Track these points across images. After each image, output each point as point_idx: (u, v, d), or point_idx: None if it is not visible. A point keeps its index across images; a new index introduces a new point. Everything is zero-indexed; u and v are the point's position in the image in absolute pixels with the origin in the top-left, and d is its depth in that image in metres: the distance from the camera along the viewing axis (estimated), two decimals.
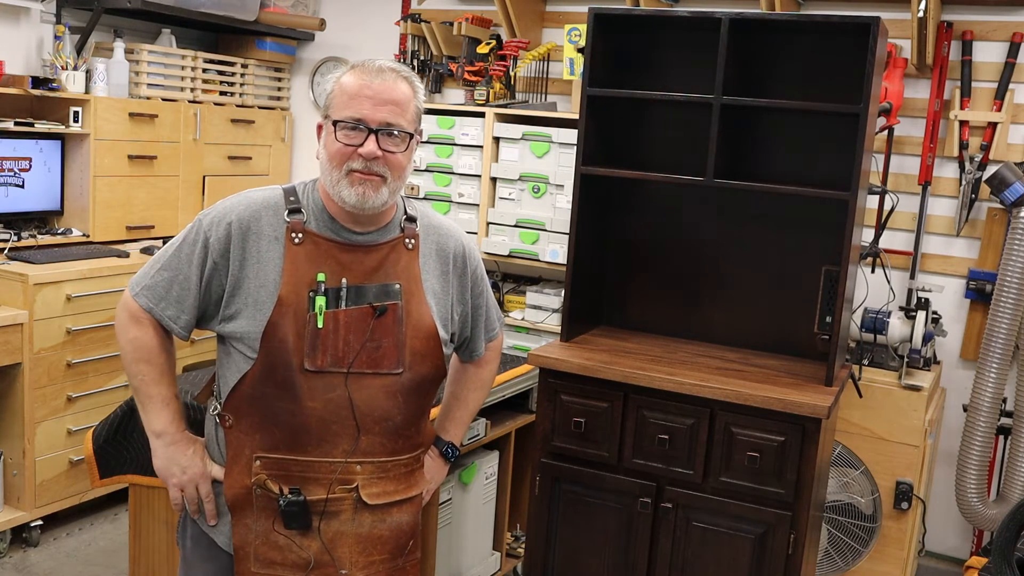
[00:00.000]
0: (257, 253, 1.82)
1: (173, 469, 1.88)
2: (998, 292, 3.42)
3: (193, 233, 1.84)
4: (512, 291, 4.29)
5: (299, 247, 1.82)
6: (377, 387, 1.85)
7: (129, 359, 1.86)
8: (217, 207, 1.86)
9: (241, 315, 1.81)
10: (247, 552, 1.85)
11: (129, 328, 1.85)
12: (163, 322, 1.85)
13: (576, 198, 2.83)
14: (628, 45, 2.97)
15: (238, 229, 1.82)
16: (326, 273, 1.82)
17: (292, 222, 1.83)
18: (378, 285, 1.86)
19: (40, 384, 3.53)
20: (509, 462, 3.12)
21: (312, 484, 1.84)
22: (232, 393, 1.84)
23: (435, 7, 4.63)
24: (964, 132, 3.68)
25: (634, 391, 2.60)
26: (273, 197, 1.86)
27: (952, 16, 3.70)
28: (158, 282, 1.84)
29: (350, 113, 1.79)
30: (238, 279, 1.81)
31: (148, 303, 1.84)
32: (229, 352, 1.86)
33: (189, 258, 1.83)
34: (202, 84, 4.49)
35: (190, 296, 1.83)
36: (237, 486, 1.85)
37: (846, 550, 3.44)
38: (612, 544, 2.67)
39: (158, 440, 1.88)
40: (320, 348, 1.80)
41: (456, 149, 4.15)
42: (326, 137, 1.83)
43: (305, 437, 1.82)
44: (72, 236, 3.94)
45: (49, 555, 3.59)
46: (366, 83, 1.79)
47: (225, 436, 1.87)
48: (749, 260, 2.95)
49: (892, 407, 3.32)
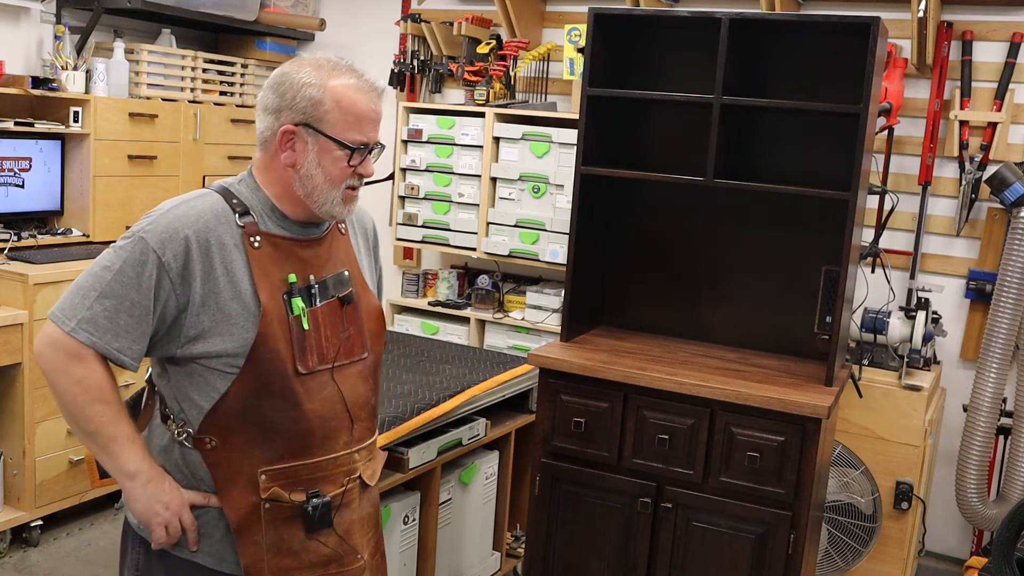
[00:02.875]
0: (223, 265, 1.69)
1: (156, 508, 1.72)
2: (998, 292, 3.42)
3: (136, 254, 1.65)
4: (512, 291, 4.30)
5: (260, 251, 1.72)
6: (355, 375, 1.86)
7: (80, 402, 1.67)
8: (158, 223, 1.68)
9: (212, 332, 1.68)
10: (260, 568, 1.77)
11: (72, 368, 1.65)
12: (110, 356, 1.66)
13: (576, 198, 2.83)
14: (628, 45, 2.97)
15: (197, 243, 1.67)
16: (295, 273, 1.76)
17: (246, 226, 1.72)
18: (333, 276, 1.83)
19: (40, 384, 3.53)
20: (509, 462, 3.12)
21: (322, 483, 1.81)
22: (212, 413, 1.71)
23: (435, 7, 4.63)
24: (964, 132, 3.68)
25: (634, 391, 2.60)
26: (216, 203, 1.72)
27: (952, 16, 3.70)
28: (98, 313, 1.64)
29: (360, 138, 1.75)
30: (203, 295, 1.68)
31: (91, 337, 1.64)
32: (192, 373, 1.71)
33: (136, 281, 1.64)
34: (202, 84, 4.49)
35: (141, 324, 1.66)
36: (241, 506, 1.74)
37: (846, 550, 3.44)
38: (612, 544, 2.67)
39: (133, 482, 1.71)
40: (308, 349, 1.76)
41: (456, 149, 4.15)
42: (320, 155, 1.73)
43: (309, 439, 1.78)
44: (72, 236, 3.94)
45: (49, 555, 3.59)
46: (372, 107, 1.76)
47: (206, 458, 1.73)
48: (749, 260, 2.95)
49: (892, 407, 3.32)
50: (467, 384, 2.86)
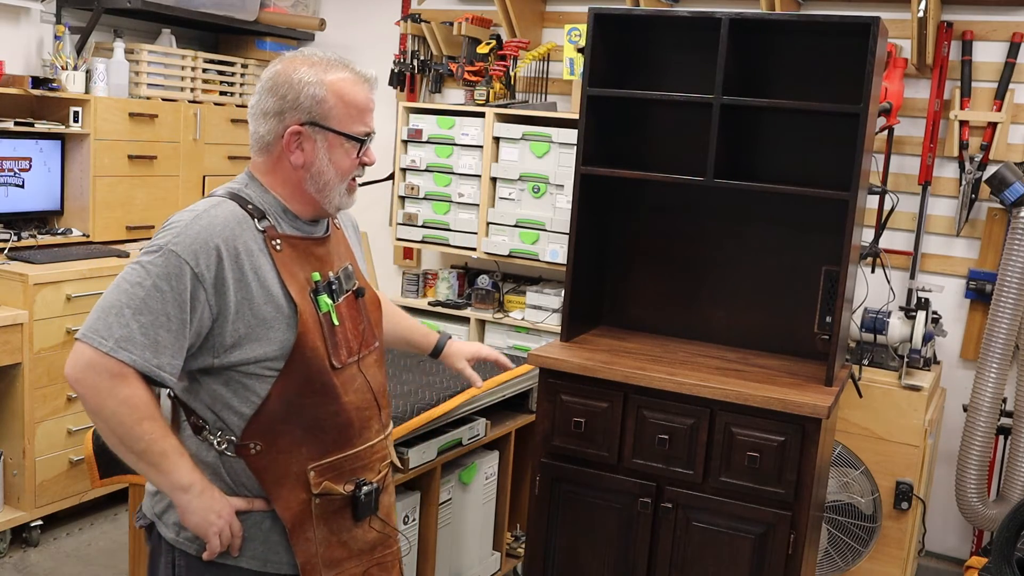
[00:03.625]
0: (253, 270, 1.70)
1: (211, 518, 1.71)
2: (998, 292, 3.42)
3: (169, 267, 1.64)
4: (512, 291, 4.30)
5: (282, 253, 1.75)
6: (373, 363, 1.92)
7: (128, 423, 1.64)
8: (185, 234, 1.66)
9: (249, 338, 1.69)
10: (314, 564, 1.79)
11: (116, 390, 1.62)
12: (151, 374, 1.63)
13: (576, 198, 2.83)
14: (628, 45, 2.97)
15: (227, 251, 1.67)
16: (317, 271, 1.80)
17: (267, 230, 1.74)
18: (342, 271, 1.88)
19: (40, 384, 3.53)
20: (509, 462, 3.12)
21: (363, 471, 1.86)
22: (256, 418, 1.72)
23: (435, 7, 4.63)
24: (964, 132, 3.68)
25: (634, 391, 2.61)
26: (235, 210, 1.73)
27: (952, 16, 3.70)
28: (135, 330, 1.62)
29: (364, 129, 1.79)
30: (237, 303, 1.68)
31: (131, 356, 1.61)
32: (229, 381, 1.72)
33: (171, 296, 1.63)
34: (202, 84, 4.49)
35: (179, 338, 1.64)
36: (294, 505, 1.76)
37: (846, 550, 3.44)
38: (612, 544, 2.67)
39: (188, 494, 1.70)
40: (339, 344, 1.80)
41: (456, 149, 4.15)
42: (331, 151, 1.76)
43: (349, 431, 1.83)
44: (72, 236, 3.94)
45: (49, 555, 3.59)
46: (369, 97, 1.80)
47: (251, 464, 1.73)
48: (749, 260, 2.95)
49: (892, 407, 3.32)
50: (467, 384, 2.86)
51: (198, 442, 1.76)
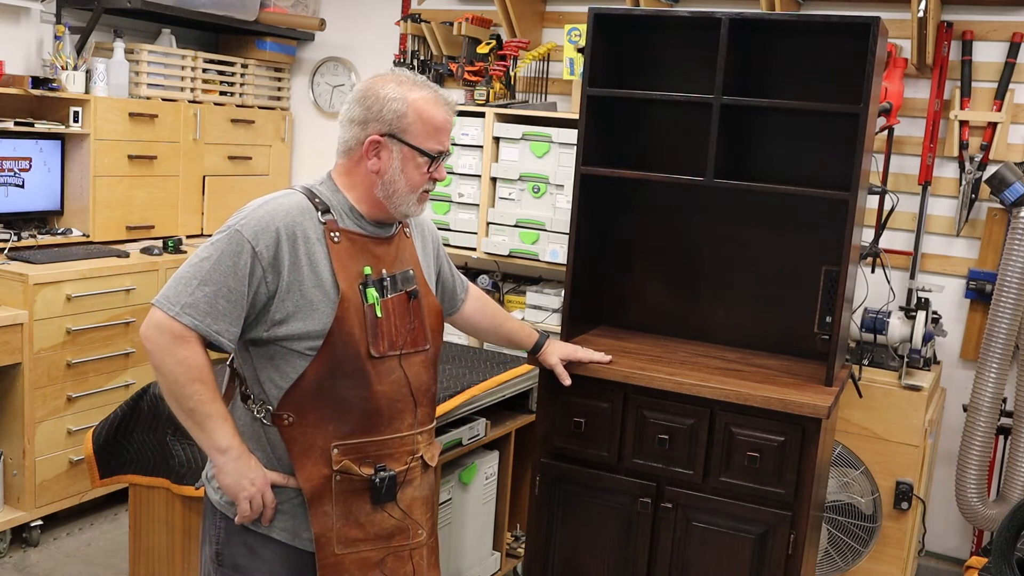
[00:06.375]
0: (307, 256, 1.87)
1: (243, 483, 1.88)
2: (998, 292, 3.42)
3: (233, 244, 1.84)
4: (512, 291, 4.30)
5: (339, 245, 1.91)
6: (419, 363, 2.04)
7: (181, 381, 1.83)
8: (251, 217, 1.87)
9: (295, 317, 1.86)
10: (329, 538, 1.93)
11: (176, 350, 1.82)
12: (211, 338, 1.83)
13: (576, 198, 2.83)
14: (628, 45, 2.97)
15: (286, 235, 1.86)
16: (369, 266, 1.95)
17: (328, 223, 1.91)
18: (400, 272, 2.02)
19: (40, 384, 3.53)
20: (509, 462, 3.12)
21: (387, 459, 1.98)
22: (291, 391, 1.89)
23: (435, 7, 4.63)
24: (964, 132, 3.68)
25: (634, 391, 2.60)
26: (301, 201, 1.92)
27: (952, 16, 3.70)
28: (199, 299, 1.82)
29: (438, 147, 1.96)
30: (289, 283, 1.86)
31: (194, 321, 1.81)
32: (273, 355, 1.89)
33: (232, 270, 1.83)
34: (202, 84, 4.49)
35: (237, 308, 1.84)
36: (315, 478, 1.91)
37: (846, 550, 3.44)
38: (612, 544, 2.67)
39: (224, 456, 1.87)
40: (380, 335, 1.94)
41: (456, 149, 4.15)
42: (404, 163, 1.93)
43: (377, 419, 1.95)
44: (72, 236, 3.94)
45: (49, 555, 3.59)
46: (447, 119, 1.97)
47: (283, 434, 1.90)
48: (749, 260, 2.94)
49: (892, 407, 3.32)
50: (467, 384, 2.86)
51: (244, 410, 1.95)
